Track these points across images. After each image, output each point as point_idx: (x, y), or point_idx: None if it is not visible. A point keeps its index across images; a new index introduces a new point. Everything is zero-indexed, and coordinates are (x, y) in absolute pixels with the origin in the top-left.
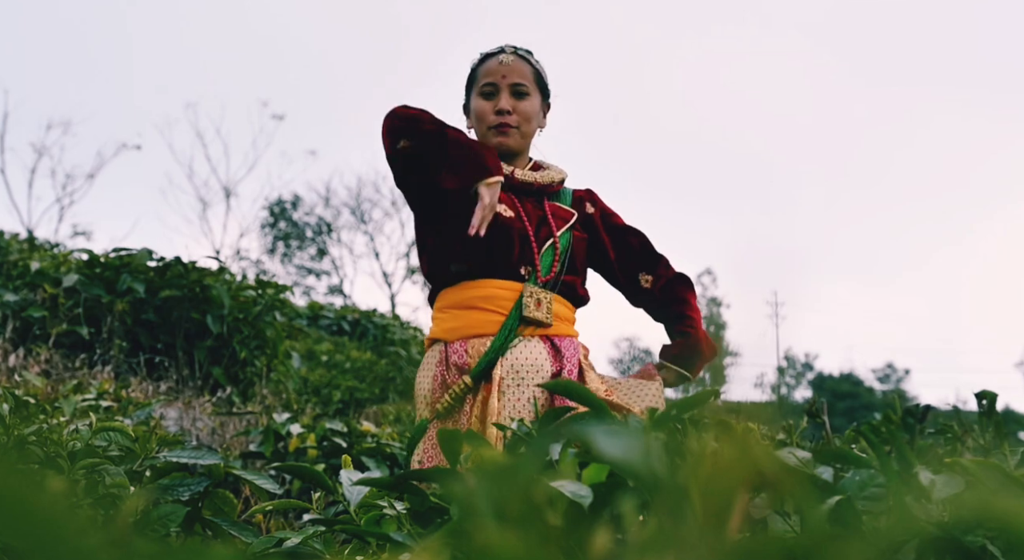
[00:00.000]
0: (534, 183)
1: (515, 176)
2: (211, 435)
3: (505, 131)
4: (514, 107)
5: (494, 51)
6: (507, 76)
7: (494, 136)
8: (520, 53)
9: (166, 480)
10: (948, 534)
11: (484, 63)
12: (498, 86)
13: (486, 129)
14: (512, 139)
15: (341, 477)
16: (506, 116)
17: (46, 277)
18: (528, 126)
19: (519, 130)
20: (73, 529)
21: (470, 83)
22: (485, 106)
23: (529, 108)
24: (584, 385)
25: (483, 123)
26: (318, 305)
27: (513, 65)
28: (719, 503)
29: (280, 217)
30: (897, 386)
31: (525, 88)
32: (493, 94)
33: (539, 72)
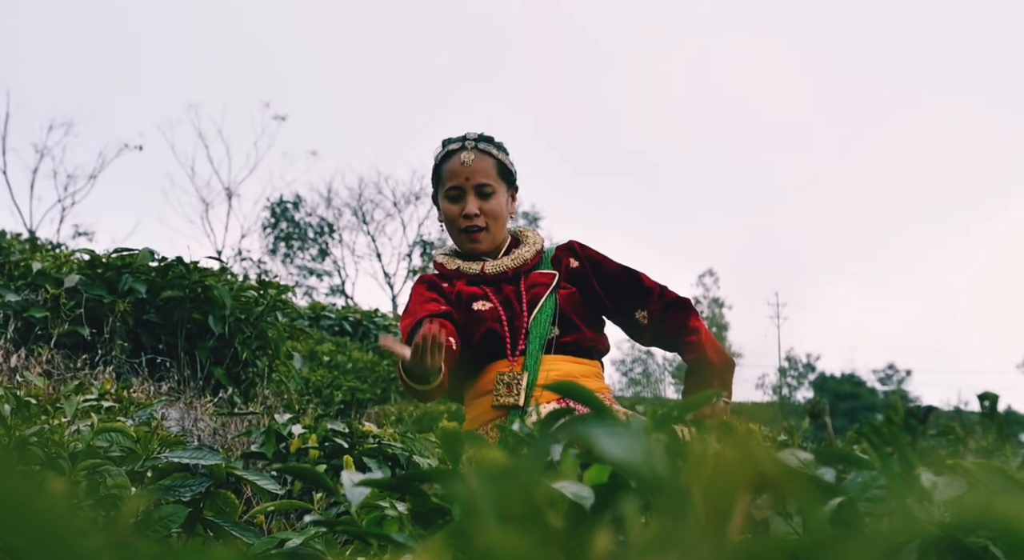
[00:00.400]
0: (507, 271)
1: (485, 271)
2: (212, 436)
3: (475, 237)
4: (480, 208)
5: (455, 147)
6: (470, 178)
7: (466, 242)
8: (481, 147)
9: (167, 481)
10: (950, 535)
11: (447, 162)
12: (463, 189)
13: (457, 232)
14: (483, 243)
15: (343, 478)
16: (474, 220)
17: (48, 277)
18: (496, 224)
19: (488, 231)
20: (74, 530)
21: (436, 180)
22: (453, 210)
23: (495, 206)
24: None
25: (453, 227)
26: (320, 306)
27: (475, 165)
28: (721, 504)
29: (282, 218)
30: (899, 387)
31: (490, 187)
32: (459, 198)
33: (501, 163)
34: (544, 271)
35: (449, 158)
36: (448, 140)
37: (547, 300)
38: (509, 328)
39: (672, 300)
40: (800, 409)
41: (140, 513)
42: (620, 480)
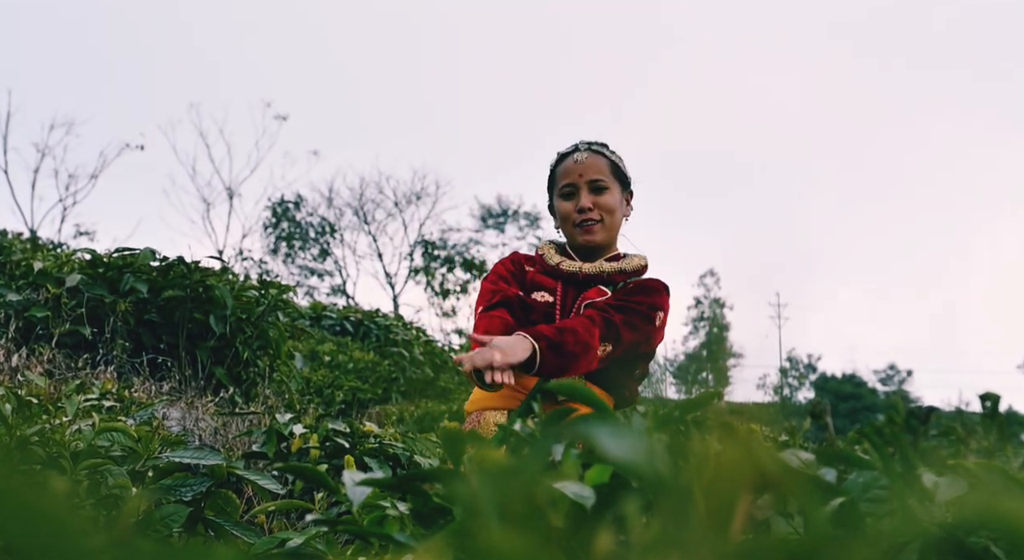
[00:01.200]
0: (579, 272)
1: (560, 268)
2: (213, 435)
3: (590, 229)
4: (595, 202)
5: (568, 151)
6: (584, 174)
7: (580, 234)
8: (594, 148)
9: (169, 480)
10: (951, 535)
11: (561, 164)
12: (577, 185)
13: (572, 227)
14: (597, 235)
15: (344, 478)
16: (588, 213)
17: (49, 277)
18: (612, 218)
19: (603, 224)
20: (77, 529)
21: (551, 185)
22: (568, 206)
23: (610, 201)
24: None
25: (568, 222)
26: (321, 306)
27: (588, 162)
28: (722, 504)
29: (283, 217)
30: (900, 387)
31: (603, 182)
32: (573, 194)
33: (615, 164)
34: (603, 288)
35: (563, 160)
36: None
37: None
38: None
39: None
40: (801, 409)
41: (141, 513)
42: (621, 480)
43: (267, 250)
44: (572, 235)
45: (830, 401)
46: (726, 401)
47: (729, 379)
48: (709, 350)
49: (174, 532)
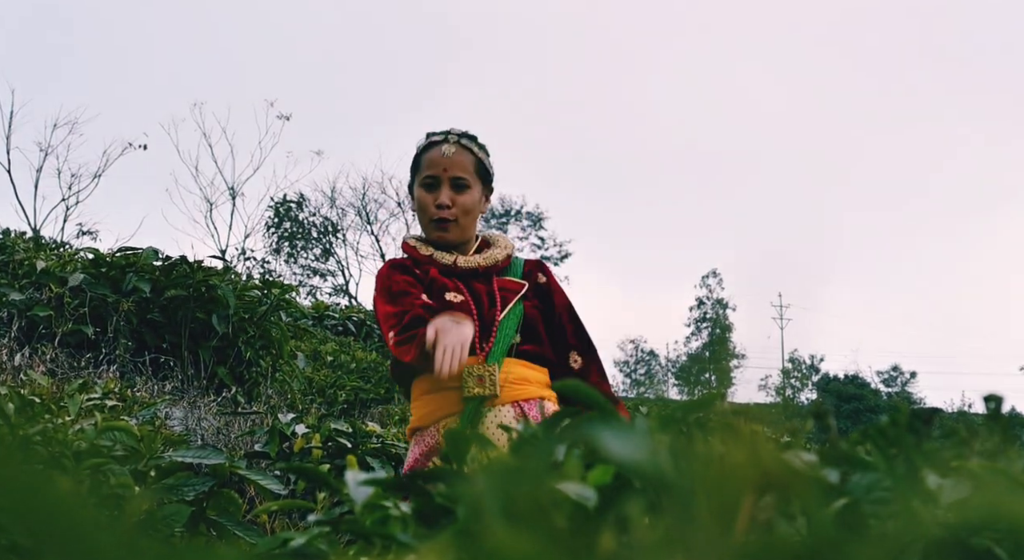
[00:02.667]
0: (478, 267)
1: (458, 264)
2: (216, 435)
3: (444, 227)
4: (453, 200)
5: (438, 139)
6: (448, 169)
7: (434, 230)
8: (463, 143)
9: (171, 480)
10: (954, 537)
11: (427, 152)
12: (439, 179)
13: (427, 221)
14: (451, 233)
15: (346, 477)
16: (445, 211)
17: (52, 276)
18: (467, 218)
19: (458, 224)
20: (87, 525)
21: (414, 169)
22: (427, 198)
23: (468, 201)
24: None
25: (425, 214)
26: (323, 305)
27: (455, 158)
28: (725, 505)
29: (286, 217)
30: (903, 389)
31: (465, 181)
32: (434, 186)
33: (480, 161)
34: (514, 278)
35: (430, 148)
36: (432, 133)
37: (515, 306)
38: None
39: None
40: (804, 410)
41: (143, 512)
42: (624, 481)
43: (269, 250)
44: (426, 229)
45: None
46: (729, 402)
47: (732, 380)
48: (712, 351)
49: (176, 531)
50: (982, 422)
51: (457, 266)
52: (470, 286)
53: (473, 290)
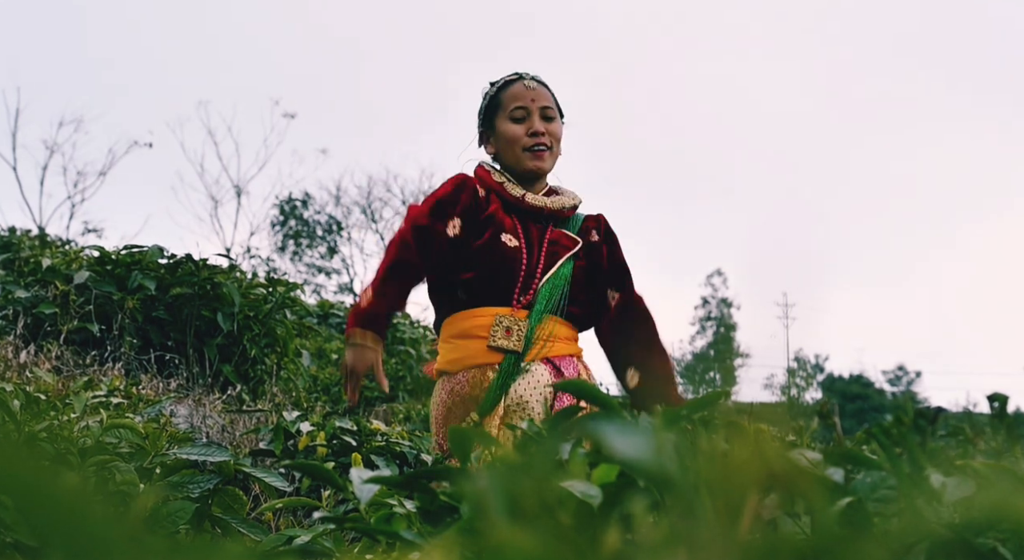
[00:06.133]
0: (544, 208)
1: (525, 200)
2: (221, 433)
3: (540, 155)
4: (546, 129)
5: (513, 78)
6: (536, 100)
7: (530, 159)
8: (539, 80)
9: (176, 477)
10: (959, 536)
11: (508, 88)
12: (529, 110)
13: (520, 151)
14: (547, 162)
15: (351, 475)
16: (541, 138)
17: (57, 274)
18: (558, 147)
19: (551, 151)
20: (91, 522)
21: (492, 109)
22: (518, 129)
23: (558, 130)
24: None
25: (517, 145)
26: (328, 303)
27: (539, 90)
28: (730, 504)
29: (291, 215)
30: (908, 388)
31: (552, 111)
32: (524, 118)
33: (555, 97)
34: (570, 234)
35: (509, 85)
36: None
37: (564, 265)
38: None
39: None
40: (809, 410)
41: (148, 509)
42: (628, 479)
43: (275, 248)
44: (520, 159)
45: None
46: (733, 401)
47: (736, 379)
48: (716, 350)
49: (181, 529)
50: (987, 421)
51: (525, 201)
52: (529, 231)
53: (529, 234)
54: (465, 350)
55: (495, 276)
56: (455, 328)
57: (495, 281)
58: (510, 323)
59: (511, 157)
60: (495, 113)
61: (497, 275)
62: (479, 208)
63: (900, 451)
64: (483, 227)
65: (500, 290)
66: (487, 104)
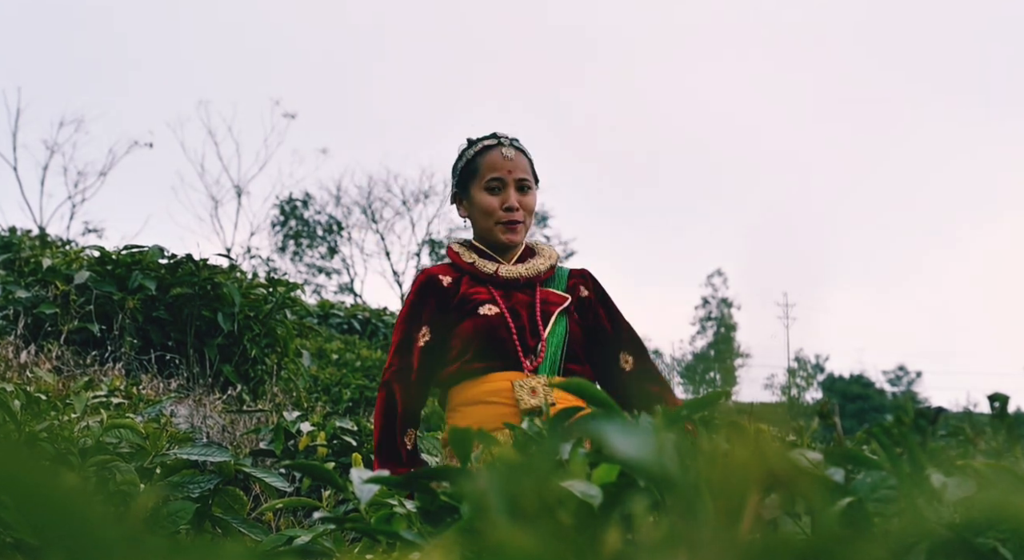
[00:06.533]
0: (519, 278)
1: (499, 274)
2: (221, 433)
3: (514, 229)
4: (520, 202)
5: (491, 143)
6: (512, 171)
7: (503, 233)
8: (516, 145)
9: (176, 477)
10: (959, 536)
11: (484, 155)
12: (505, 182)
13: (493, 224)
14: (519, 235)
15: (351, 475)
16: (515, 213)
17: (58, 274)
18: (530, 219)
19: (524, 225)
20: (91, 522)
21: (468, 174)
22: (492, 202)
23: (531, 202)
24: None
25: (491, 218)
26: (329, 304)
27: (516, 160)
28: (730, 504)
29: (291, 215)
30: (908, 388)
31: (528, 182)
32: (499, 190)
33: (532, 164)
34: (557, 291)
35: (486, 152)
36: (477, 139)
37: (558, 321)
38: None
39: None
40: (809, 410)
41: (149, 509)
42: (629, 479)
43: (275, 248)
44: (492, 232)
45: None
46: (734, 401)
47: (737, 379)
48: (717, 350)
49: (181, 529)
50: (987, 421)
51: (499, 276)
52: (510, 298)
53: (513, 300)
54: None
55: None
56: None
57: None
58: (533, 384)
59: (484, 228)
60: (470, 179)
61: (486, 346)
62: (449, 297)
63: (900, 451)
64: (459, 311)
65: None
66: (463, 167)
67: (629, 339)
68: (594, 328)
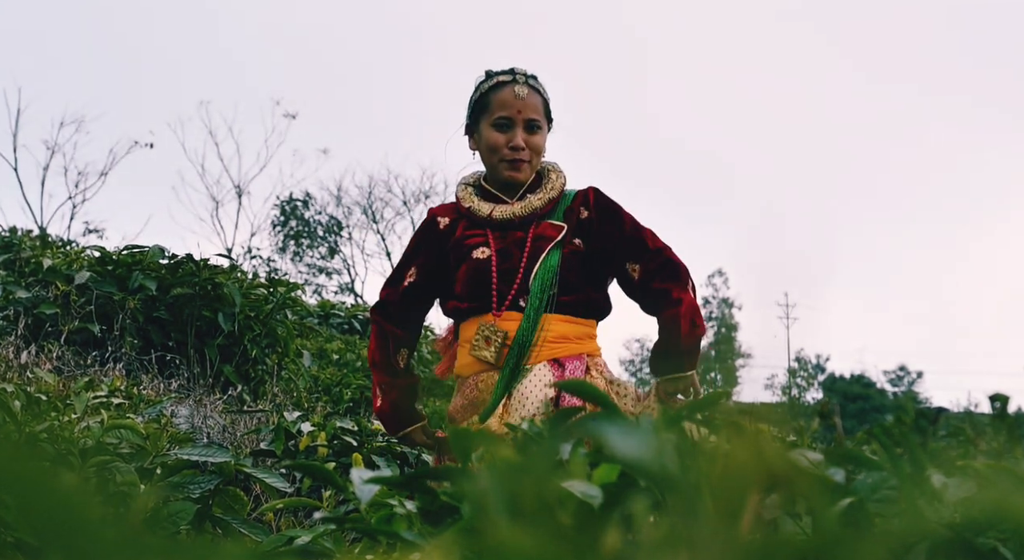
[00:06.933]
0: (513, 218)
1: (493, 216)
2: (222, 433)
3: (518, 166)
4: (527, 142)
5: (506, 79)
6: (522, 111)
7: (506, 170)
8: (531, 83)
9: (177, 478)
10: (960, 536)
11: (497, 91)
12: (513, 120)
13: (498, 161)
14: (523, 174)
15: (352, 475)
16: (520, 152)
17: (58, 274)
18: (537, 159)
19: (530, 164)
20: (91, 523)
21: (480, 108)
22: (499, 139)
23: (540, 142)
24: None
25: (495, 155)
26: (329, 304)
27: (527, 99)
28: (731, 504)
29: (291, 216)
30: (909, 389)
31: (538, 123)
32: (507, 127)
33: (547, 102)
34: (555, 222)
35: (499, 88)
36: (495, 72)
37: (549, 256)
38: (500, 281)
39: (667, 261)
40: (810, 410)
41: (149, 509)
42: (629, 479)
43: (275, 248)
44: (496, 168)
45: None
46: (734, 401)
47: (737, 379)
48: (718, 350)
49: (182, 529)
50: (988, 422)
51: (493, 218)
52: (506, 237)
53: (508, 240)
54: (463, 358)
55: (472, 290)
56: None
57: (473, 295)
58: (489, 332)
59: (489, 164)
60: (481, 113)
61: (474, 289)
62: (443, 240)
63: (901, 451)
64: (457, 252)
65: (480, 301)
66: (476, 101)
67: (632, 246)
68: (600, 249)
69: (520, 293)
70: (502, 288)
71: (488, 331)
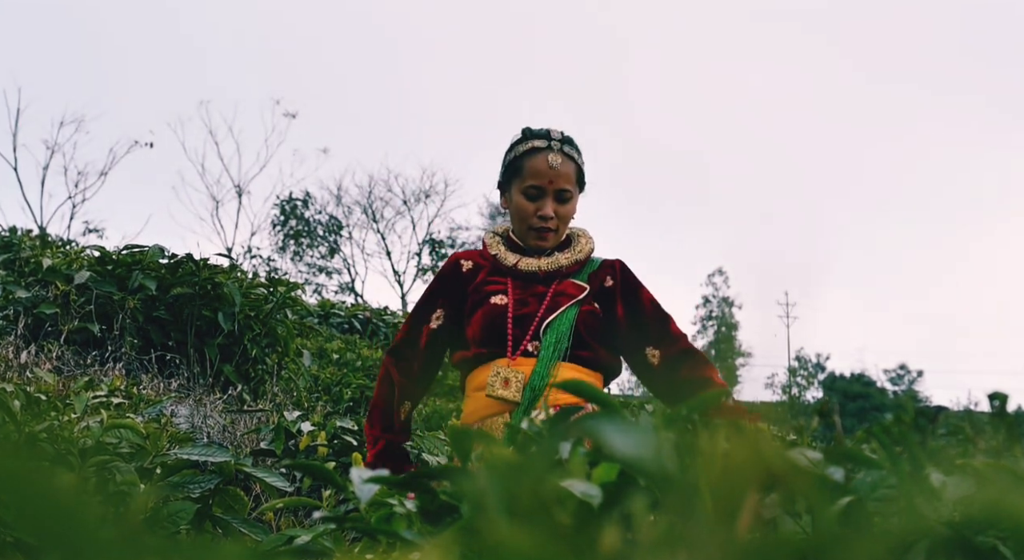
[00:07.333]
0: (538, 272)
1: (518, 267)
2: (222, 433)
3: (544, 236)
4: (556, 212)
5: (541, 145)
6: (554, 181)
7: (533, 238)
8: (566, 151)
9: (176, 477)
10: (959, 535)
11: (531, 158)
12: (545, 191)
13: (526, 229)
14: (550, 242)
15: (351, 475)
16: (548, 221)
17: (58, 274)
18: (565, 226)
19: (557, 233)
20: (88, 522)
21: (512, 171)
22: (529, 207)
23: (570, 211)
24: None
25: (524, 222)
26: (329, 303)
27: (560, 168)
28: (730, 503)
29: (291, 215)
30: (909, 387)
31: (569, 193)
32: (538, 197)
33: (580, 169)
34: (578, 281)
35: (533, 154)
36: (532, 132)
37: (567, 311)
38: (515, 326)
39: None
40: (809, 409)
41: (149, 509)
42: (629, 478)
43: (275, 248)
44: (524, 235)
45: (839, 401)
46: (734, 400)
47: (738, 378)
48: (718, 349)
49: (182, 529)
50: (988, 420)
51: (518, 269)
52: (526, 288)
53: (528, 292)
54: (481, 401)
55: (487, 335)
56: (471, 384)
57: (487, 339)
58: (508, 374)
59: (518, 227)
60: (513, 176)
61: (489, 334)
62: (466, 283)
63: (901, 450)
64: (475, 297)
65: (494, 346)
66: (509, 163)
67: (653, 331)
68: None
69: (534, 340)
70: (517, 333)
71: (506, 373)
